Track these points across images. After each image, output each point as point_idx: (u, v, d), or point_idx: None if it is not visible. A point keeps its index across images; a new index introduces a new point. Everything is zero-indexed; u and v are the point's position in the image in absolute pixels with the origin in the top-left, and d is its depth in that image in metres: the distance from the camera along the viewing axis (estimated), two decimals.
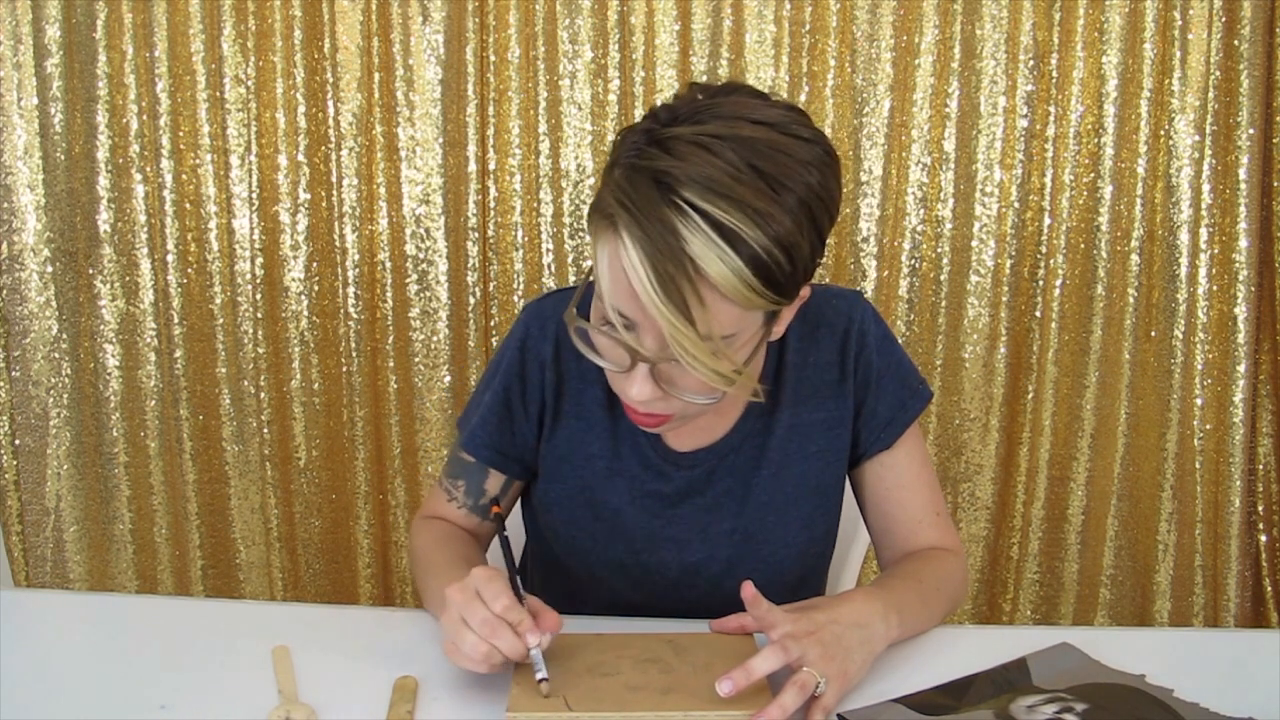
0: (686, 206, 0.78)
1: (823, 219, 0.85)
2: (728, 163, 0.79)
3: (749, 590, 0.89)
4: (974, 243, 2.06)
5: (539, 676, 0.84)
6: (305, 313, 2.07)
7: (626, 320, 0.85)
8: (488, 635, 0.83)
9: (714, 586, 1.08)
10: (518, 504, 1.18)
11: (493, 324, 2.09)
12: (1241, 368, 2.02)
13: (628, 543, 1.07)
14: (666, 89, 2.00)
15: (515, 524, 1.24)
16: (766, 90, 0.91)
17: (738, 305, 0.82)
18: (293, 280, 2.06)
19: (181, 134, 2.01)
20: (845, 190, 2.04)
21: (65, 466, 2.11)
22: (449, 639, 0.86)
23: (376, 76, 2.00)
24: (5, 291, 2.05)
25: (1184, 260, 2.02)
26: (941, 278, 2.07)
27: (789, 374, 1.05)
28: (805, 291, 0.91)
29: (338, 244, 2.05)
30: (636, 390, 0.87)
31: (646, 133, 0.84)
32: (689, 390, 0.88)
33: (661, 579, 1.08)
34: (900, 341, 2.07)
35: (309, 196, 2.04)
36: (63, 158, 2.01)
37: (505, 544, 0.96)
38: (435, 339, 2.09)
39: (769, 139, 0.82)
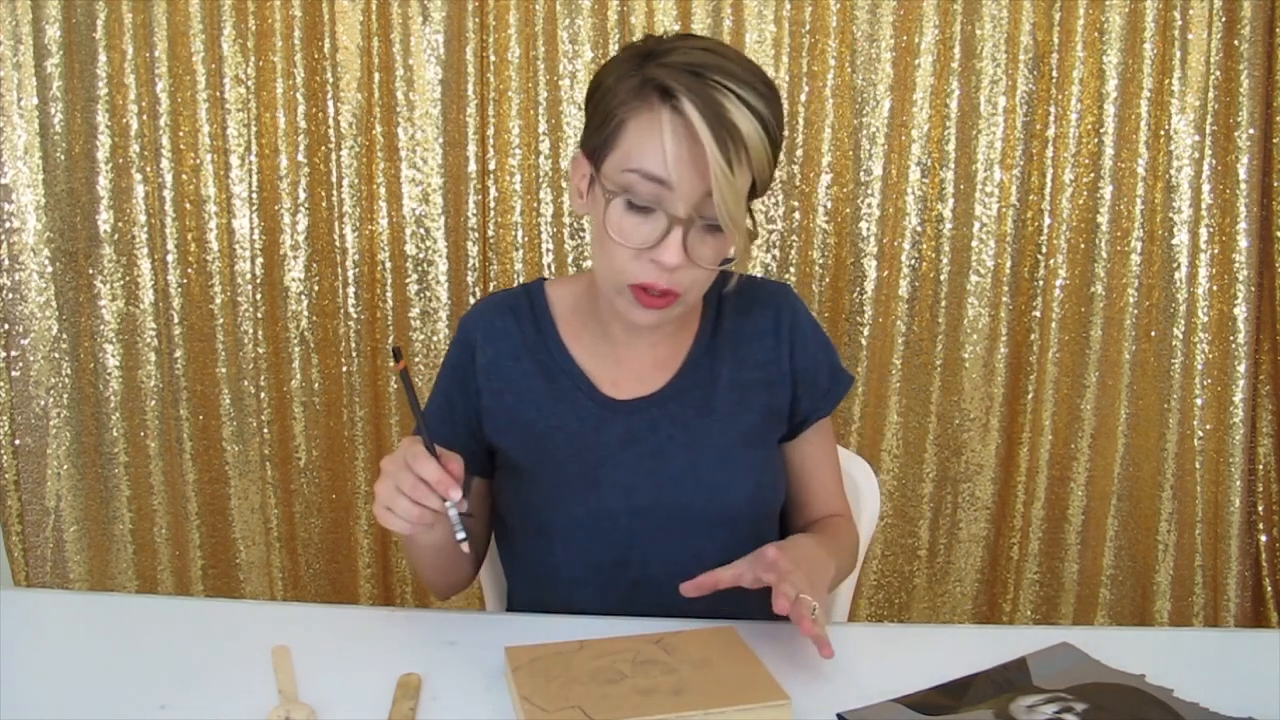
0: (724, 88, 0.97)
1: (783, 125, 1.04)
2: (735, 61, 0.99)
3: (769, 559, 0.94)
4: (974, 243, 2.06)
5: (459, 537, 0.95)
6: (305, 313, 2.07)
7: (662, 182, 0.98)
8: (419, 499, 0.94)
9: (666, 530, 1.09)
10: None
11: None
12: (1241, 368, 2.02)
13: (575, 493, 1.10)
14: None
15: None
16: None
17: (751, 171, 0.99)
18: (293, 280, 2.06)
19: (181, 134, 2.02)
20: (845, 190, 2.05)
21: (65, 466, 2.11)
22: (383, 504, 0.95)
23: (376, 76, 2.00)
24: (5, 291, 2.05)
25: (1184, 260, 2.02)
26: (941, 278, 2.07)
27: (725, 337, 1.16)
28: (754, 223, 1.07)
29: (338, 244, 2.05)
30: (670, 254, 0.98)
31: (649, 52, 1.02)
32: (705, 258, 1.01)
33: (613, 526, 1.09)
34: (900, 341, 2.09)
35: (309, 196, 2.04)
36: (63, 158, 2.01)
37: (410, 388, 1.04)
38: (435, 339, 2.09)
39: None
